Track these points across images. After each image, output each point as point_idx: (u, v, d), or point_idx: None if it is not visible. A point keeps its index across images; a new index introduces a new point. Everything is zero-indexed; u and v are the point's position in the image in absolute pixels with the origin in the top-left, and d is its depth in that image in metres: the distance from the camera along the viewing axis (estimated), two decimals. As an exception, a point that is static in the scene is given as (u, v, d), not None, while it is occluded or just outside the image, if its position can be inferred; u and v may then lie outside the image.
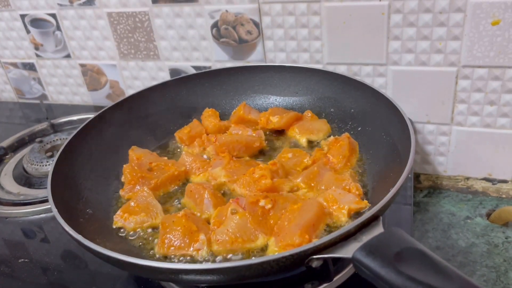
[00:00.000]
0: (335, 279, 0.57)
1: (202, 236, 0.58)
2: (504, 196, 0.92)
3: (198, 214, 0.65)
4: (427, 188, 0.98)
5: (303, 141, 0.80)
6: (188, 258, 0.58)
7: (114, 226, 0.64)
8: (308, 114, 0.84)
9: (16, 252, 0.74)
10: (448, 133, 0.91)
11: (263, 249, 0.58)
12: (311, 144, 0.80)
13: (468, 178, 0.95)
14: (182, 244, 0.57)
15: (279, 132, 0.84)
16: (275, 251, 0.56)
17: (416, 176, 0.99)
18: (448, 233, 0.86)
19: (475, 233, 0.85)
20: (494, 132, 0.87)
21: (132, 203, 0.65)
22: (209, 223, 0.63)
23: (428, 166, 0.97)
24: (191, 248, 0.57)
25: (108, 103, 1.14)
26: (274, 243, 0.57)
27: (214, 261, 0.57)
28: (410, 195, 0.78)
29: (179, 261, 0.58)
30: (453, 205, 0.93)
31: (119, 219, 0.64)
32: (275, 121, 0.82)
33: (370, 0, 0.82)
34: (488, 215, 0.89)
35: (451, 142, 0.92)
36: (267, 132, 0.84)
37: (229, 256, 0.58)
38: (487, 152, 0.90)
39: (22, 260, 0.72)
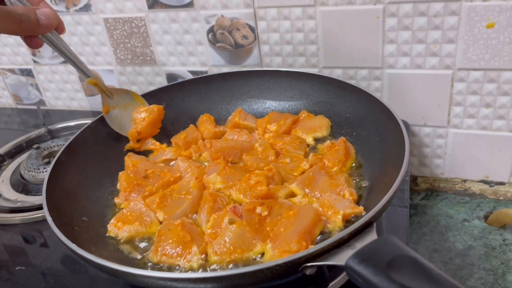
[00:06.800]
0: (330, 285, 0.57)
1: (194, 248, 0.57)
2: (501, 198, 0.92)
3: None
4: (425, 190, 0.98)
5: (309, 140, 0.80)
6: (180, 268, 0.58)
7: (108, 235, 0.65)
8: (304, 114, 0.84)
9: (15, 258, 0.74)
10: (445, 135, 0.91)
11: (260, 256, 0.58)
12: (319, 141, 0.81)
13: (465, 181, 0.95)
14: (174, 254, 0.57)
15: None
16: (272, 258, 0.56)
17: (414, 179, 0.99)
18: (445, 236, 0.86)
19: (472, 236, 0.85)
20: (490, 134, 0.87)
21: (126, 212, 0.65)
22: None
23: (425, 169, 0.97)
24: (183, 259, 0.57)
25: (106, 109, 1.14)
26: (271, 250, 0.57)
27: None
28: (407, 198, 0.78)
29: (173, 270, 0.58)
30: (450, 208, 0.93)
31: (112, 228, 0.64)
32: (273, 129, 0.82)
33: (365, 4, 0.83)
34: (486, 218, 0.89)
35: (448, 145, 0.92)
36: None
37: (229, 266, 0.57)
38: (484, 154, 0.90)
39: (21, 266, 0.72)
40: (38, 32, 0.62)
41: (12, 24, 0.56)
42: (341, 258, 0.46)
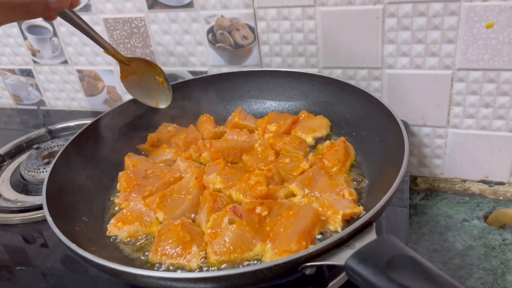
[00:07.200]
0: (329, 285, 0.57)
1: (194, 248, 0.58)
2: (501, 198, 0.93)
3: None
4: (424, 190, 0.98)
5: (309, 140, 0.81)
6: (180, 268, 0.58)
7: (108, 235, 0.65)
8: (303, 114, 0.84)
9: (15, 258, 0.74)
10: (444, 135, 0.91)
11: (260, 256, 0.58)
12: (319, 141, 0.81)
13: (465, 181, 0.95)
14: (174, 254, 0.57)
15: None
16: (271, 258, 0.56)
17: (413, 179, 0.99)
18: (445, 236, 0.87)
19: (472, 236, 0.85)
20: (490, 134, 0.87)
21: (126, 212, 0.66)
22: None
23: (425, 169, 0.97)
24: (183, 258, 0.57)
25: (106, 109, 1.15)
26: (271, 250, 0.57)
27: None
28: (406, 198, 0.78)
29: (173, 270, 0.58)
30: (450, 208, 0.93)
31: (112, 228, 0.64)
32: (273, 130, 0.82)
33: (364, 4, 0.83)
34: (485, 218, 0.89)
35: (448, 145, 0.92)
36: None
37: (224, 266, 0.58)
38: (484, 154, 0.90)
39: (21, 266, 0.72)
40: (49, 14, 0.61)
41: (22, 13, 0.55)
42: (341, 258, 0.46)
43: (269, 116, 0.85)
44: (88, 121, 0.81)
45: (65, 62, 1.16)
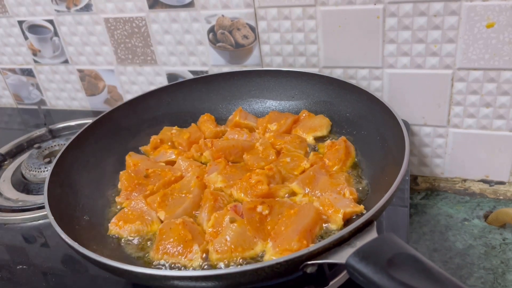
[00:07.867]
0: (331, 283, 0.58)
1: (195, 247, 0.58)
2: (501, 197, 0.93)
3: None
4: (425, 190, 0.98)
5: (310, 139, 0.81)
6: (182, 267, 0.58)
7: (109, 234, 0.65)
8: (304, 113, 0.85)
9: (16, 258, 0.74)
10: (445, 135, 0.91)
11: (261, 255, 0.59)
12: (320, 140, 0.81)
13: (465, 180, 0.95)
14: (176, 253, 0.58)
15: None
16: (272, 256, 0.56)
17: (414, 178, 0.99)
18: (445, 235, 0.87)
19: (472, 235, 0.86)
20: (490, 134, 0.87)
21: (127, 211, 0.66)
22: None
23: (426, 168, 0.97)
24: (184, 257, 0.58)
25: (106, 108, 1.14)
26: (272, 248, 0.57)
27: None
28: (407, 197, 0.78)
29: (174, 268, 0.58)
30: (450, 207, 0.93)
31: (114, 227, 0.64)
32: (274, 129, 0.82)
33: (365, 4, 0.83)
34: (486, 217, 0.89)
35: (448, 144, 0.92)
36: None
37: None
38: (484, 154, 0.90)
39: (22, 265, 0.72)
40: None
41: None
42: (342, 256, 0.46)
43: (269, 115, 0.85)
44: (89, 121, 0.81)
45: (66, 61, 1.16)
